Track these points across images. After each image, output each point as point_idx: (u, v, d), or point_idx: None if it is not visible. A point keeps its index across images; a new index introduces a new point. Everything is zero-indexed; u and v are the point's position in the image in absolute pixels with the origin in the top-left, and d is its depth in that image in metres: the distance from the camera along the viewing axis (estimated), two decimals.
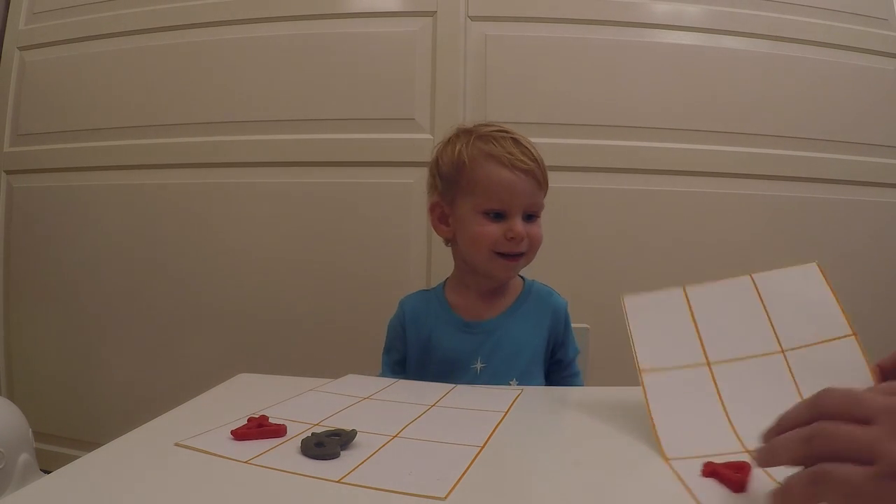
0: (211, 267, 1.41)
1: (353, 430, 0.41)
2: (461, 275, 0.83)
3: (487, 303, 0.82)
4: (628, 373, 0.60)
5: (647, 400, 0.46)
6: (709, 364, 0.48)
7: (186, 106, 1.44)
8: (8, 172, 1.55)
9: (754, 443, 0.34)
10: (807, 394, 0.42)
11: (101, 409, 1.46)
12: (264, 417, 0.44)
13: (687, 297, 0.53)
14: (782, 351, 0.48)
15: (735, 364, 0.47)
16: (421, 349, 0.81)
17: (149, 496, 0.32)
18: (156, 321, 1.44)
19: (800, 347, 0.47)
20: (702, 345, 0.49)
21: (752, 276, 0.53)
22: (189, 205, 1.43)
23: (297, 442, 0.40)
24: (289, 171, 1.39)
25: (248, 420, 0.44)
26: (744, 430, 0.42)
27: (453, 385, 0.61)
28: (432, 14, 1.36)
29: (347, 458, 0.38)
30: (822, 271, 0.51)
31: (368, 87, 1.37)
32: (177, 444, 0.40)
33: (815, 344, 0.47)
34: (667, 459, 0.40)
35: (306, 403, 0.52)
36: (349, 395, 0.56)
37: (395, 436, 0.43)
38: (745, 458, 0.37)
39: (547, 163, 0.80)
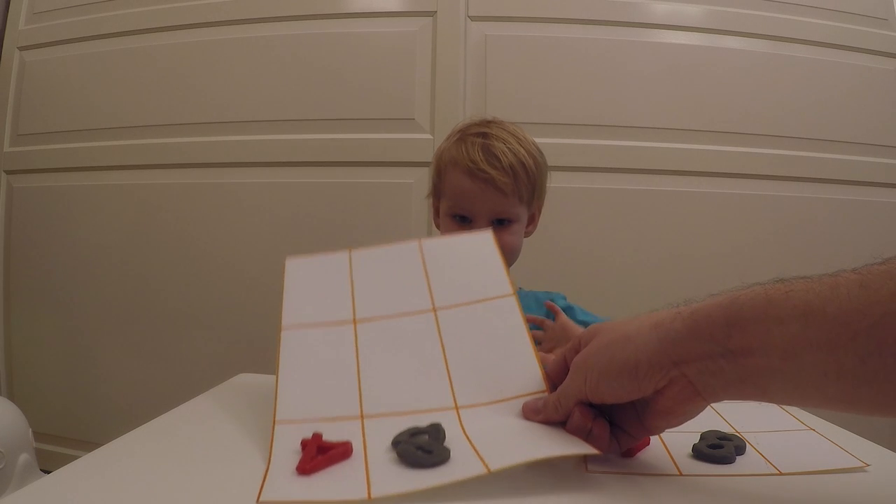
0: (211, 266, 1.41)
1: (433, 424, 0.37)
2: None
3: None
4: None
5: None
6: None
7: (186, 106, 1.44)
8: (8, 172, 1.55)
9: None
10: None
11: (101, 409, 1.46)
12: (318, 437, 0.36)
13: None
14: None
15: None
16: None
17: (149, 496, 0.32)
18: (156, 321, 1.44)
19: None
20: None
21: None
22: (189, 205, 1.43)
23: (381, 454, 0.35)
24: (289, 171, 1.39)
25: (303, 445, 0.36)
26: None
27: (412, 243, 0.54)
28: (432, 14, 1.36)
29: (459, 450, 0.35)
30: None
31: (368, 87, 1.37)
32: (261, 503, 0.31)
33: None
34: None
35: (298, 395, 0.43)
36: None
37: (460, 407, 0.40)
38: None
39: (547, 163, 0.80)
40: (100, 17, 1.50)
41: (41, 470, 1.06)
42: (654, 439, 0.41)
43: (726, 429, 0.43)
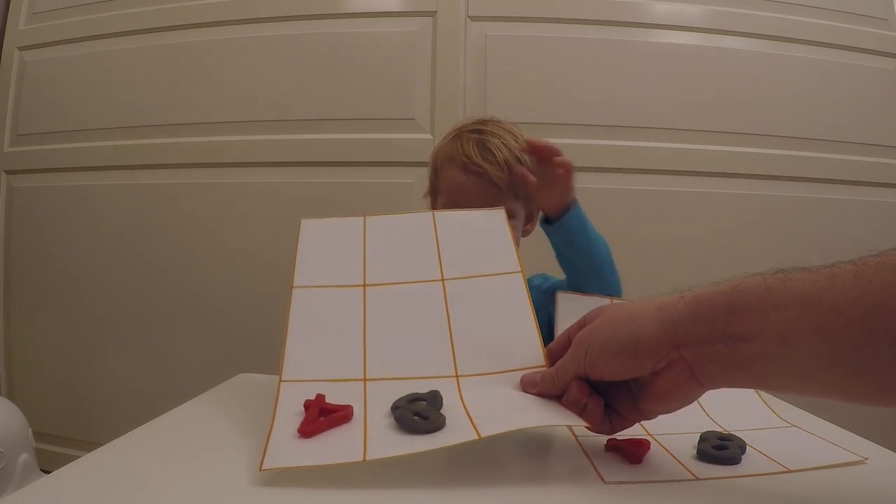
0: (211, 267, 1.41)
1: (432, 391, 0.38)
2: None
3: None
4: None
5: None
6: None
7: (186, 106, 1.44)
8: (8, 172, 1.55)
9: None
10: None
11: (101, 409, 1.46)
12: (321, 398, 0.38)
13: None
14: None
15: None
16: None
17: (149, 496, 0.32)
18: (156, 321, 1.44)
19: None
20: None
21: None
22: (189, 205, 1.43)
23: (380, 419, 0.36)
24: (289, 171, 1.39)
25: (306, 406, 0.37)
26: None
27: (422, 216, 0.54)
28: (432, 14, 1.36)
29: (455, 417, 0.36)
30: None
31: (368, 87, 1.37)
32: (263, 470, 0.32)
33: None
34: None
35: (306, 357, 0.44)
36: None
37: (460, 376, 0.41)
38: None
39: None
40: (100, 17, 1.50)
41: (41, 470, 1.06)
42: (654, 443, 0.41)
43: (717, 428, 0.43)
